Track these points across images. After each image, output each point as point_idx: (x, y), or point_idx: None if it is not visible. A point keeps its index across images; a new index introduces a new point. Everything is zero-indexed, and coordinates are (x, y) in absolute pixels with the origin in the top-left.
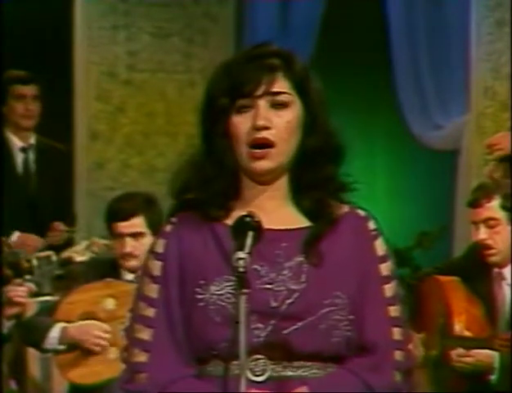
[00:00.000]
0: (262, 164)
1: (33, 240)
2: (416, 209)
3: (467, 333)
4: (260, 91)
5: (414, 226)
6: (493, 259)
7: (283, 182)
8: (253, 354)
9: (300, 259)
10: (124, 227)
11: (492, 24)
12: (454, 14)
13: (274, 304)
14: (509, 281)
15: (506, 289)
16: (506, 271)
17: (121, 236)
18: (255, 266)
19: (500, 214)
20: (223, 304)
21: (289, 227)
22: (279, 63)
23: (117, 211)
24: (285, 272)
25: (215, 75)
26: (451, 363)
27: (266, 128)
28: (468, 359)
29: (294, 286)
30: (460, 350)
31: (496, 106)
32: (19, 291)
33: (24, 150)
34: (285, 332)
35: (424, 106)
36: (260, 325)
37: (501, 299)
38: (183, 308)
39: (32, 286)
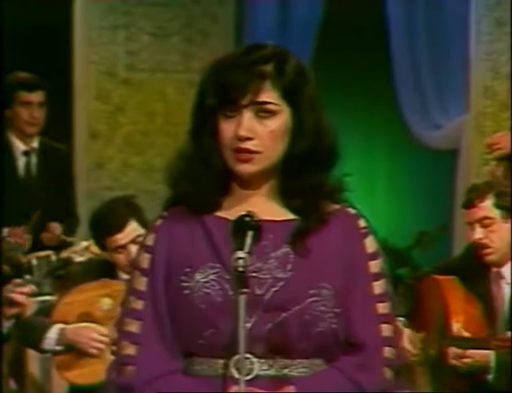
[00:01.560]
0: (247, 168)
1: (20, 233)
2: (416, 208)
3: (465, 333)
4: (246, 100)
5: (413, 226)
6: (490, 258)
7: (270, 186)
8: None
9: (287, 249)
10: (123, 237)
11: (492, 23)
12: (453, 14)
13: (258, 292)
14: (508, 280)
15: (505, 288)
16: (505, 270)
17: (122, 247)
18: None
19: (495, 213)
20: (208, 291)
21: (276, 218)
22: (269, 70)
23: (109, 225)
24: (271, 261)
25: (207, 73)
26: (447, 362)
27: (248, 138)
28: (465, 359)
29: (279, 275)
30: (457, 350)
31: (496, 105)
32: (20, 291)
33: (26, 153)
34: (270, 323)
35: (424, 106)
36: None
37: (500, 298)
38: (170, 299)
39: (33, 286)
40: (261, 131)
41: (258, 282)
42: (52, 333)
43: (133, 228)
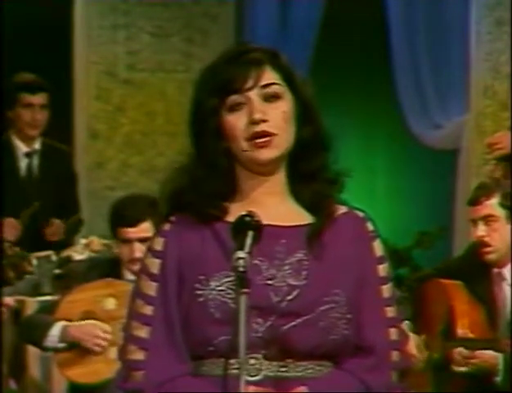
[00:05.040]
0: (266, 153)
1: (12, 223)
2: (416, 209)
3: (472, 335)
4: (250, 84)
5: (413, 226)
6: (490, 256)
7: (281, 176)
8: (249, 352)
9: (300, 255)
10: (133, 232)
11: (492, 23)
12: (453, 13)
13: (275, 299)
14: (509, 281)
15: (507, 290)
16: (506, 271)
17: (129, 241)
18: (255, 261)
19: (499, 212)
20: (223, 299)
21: (288, 223)
22: (264, 57)
23: (124, 217)
24: (285, 268)
25: (201, 77)
26: (453, 365)
27: (263, 120)
28: (472, 360)
29: (294, 283)
30: (464, 351)
31: (496, 105)
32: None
33: (28, 155)
34: (284, 328)
35: (424, 106)
36: (259, 320)
37: (502, 300)
38: (181, 305)
39: (11, 300)
40: (273, 113)
41: (273, 289)
42: (55, 330)
43: (147, 228)
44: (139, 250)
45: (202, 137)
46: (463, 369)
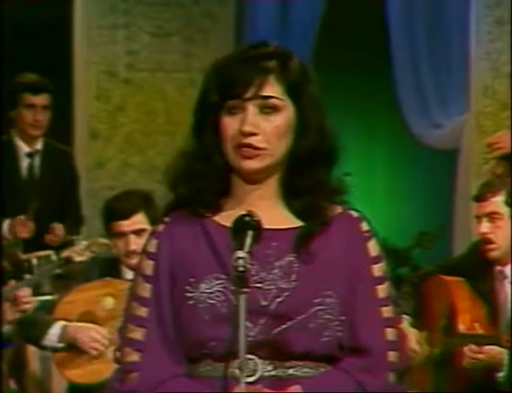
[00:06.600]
0: (250, 164)
1: (23, 222)
2: (416, 208)
3: (475, 330)
4: (249, 93)
5: (413, 226)
6: (493, 254)
7: (274, 182)
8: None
9: (291, 258)
10: (126, 225)
11: (492, 23)
12: (454, 13)
13: (263, 302)
14: (510, 279)
15: (508, 288)
16: (508, 269)
17: (123, 234)
18: None
19: (504, 210)
20: (213, 302)
21: (280, 226)
22: (273, 65)
23: (117, 210)
24: (275, 271)
25: (210, 71)
26: (461, 361)
27: (252, 134)
28: (480, 355)
29: (283, 285)
30: (473, 346)
31: (496, 104)
32: (22, 296)
33: (30, 155)
34: (275, 331)
35: (424, 106)
36: (249, 324)
37: (503, 297)
38: (174, 307)
39: (28, 289)
40: (265, 127)
41: (262, 292)
42: (55, 329)
43: (139, 220)
44: (134, 242)
45: (201, 130)
46: (471, 360)
